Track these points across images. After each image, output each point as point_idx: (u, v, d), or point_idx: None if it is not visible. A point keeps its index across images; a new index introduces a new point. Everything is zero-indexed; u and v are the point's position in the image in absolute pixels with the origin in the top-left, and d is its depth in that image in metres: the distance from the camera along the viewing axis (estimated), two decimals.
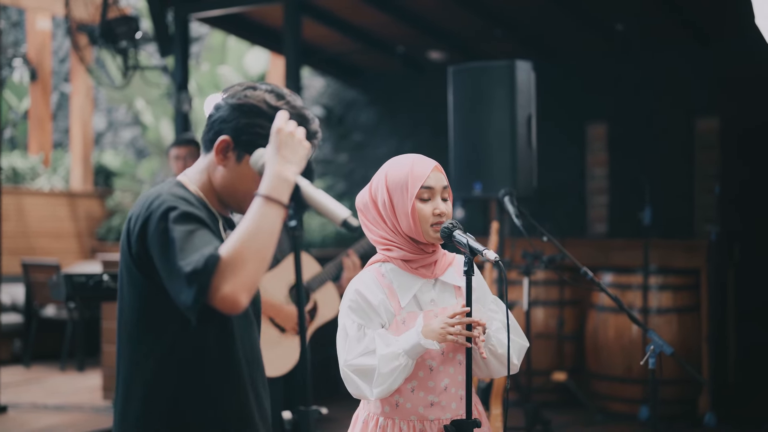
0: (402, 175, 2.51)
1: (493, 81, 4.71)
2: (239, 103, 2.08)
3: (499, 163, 4.64)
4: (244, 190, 2.09)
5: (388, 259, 2.54)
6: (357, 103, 10.39)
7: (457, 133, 4.81)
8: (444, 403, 2.49)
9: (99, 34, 6.35)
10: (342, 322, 2.52)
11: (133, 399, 2.04)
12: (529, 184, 4.71)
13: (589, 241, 7.57)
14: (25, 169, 10.46)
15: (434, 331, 2.39)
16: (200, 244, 1.89)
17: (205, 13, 7.36)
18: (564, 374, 6.52)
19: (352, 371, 2.46)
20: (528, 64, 4.80)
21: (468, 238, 2.41)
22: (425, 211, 2.48)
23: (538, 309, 6.91)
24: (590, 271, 3.40)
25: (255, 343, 2.16)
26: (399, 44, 8.85)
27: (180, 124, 7.20)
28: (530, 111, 4.74)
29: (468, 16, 7.85)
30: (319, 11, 7.82)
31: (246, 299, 1.86)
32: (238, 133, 2.06)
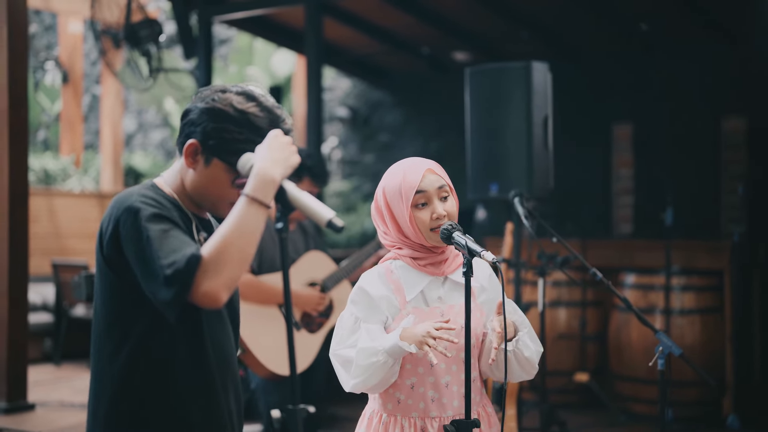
0: (396, 185, 2.53)
1: (509, 82, 4.70)
2: (207, 107, 2.11)
3: (516, 164, 4.63)
4: (214, 192, 2.12)
5: (398, 257, 2.57)
6: (383, 104, 10.42)
7: (473, 134, 4.82)
8: (445, 400, 2.50)
9: (123, 37, 6.44)
10: (342, 313, 2.57)
11: (103, 398, 2.08)
12: (545, 185, 4.70)
13: (612, 242, 7.53)
14: (56, 171, 10.61)
15: (415, 335, 2.38)
16: (178, 244, 1.93)
17: (228, 15, 7.43)
18: (586, 375, 6.49)
19: (337, 360, 2.50)
20: (544, 65, 4.79)
21: (467, 240, 2.41)
22: (423, 217, 2.50)
23: (560, 310, 6.89)
24: (599, 272, 3.39)
25: (227, 345, 2.18)
26: (424, 45, 8.87)
27: None
28: (546, 112, 4.73)
29: (492, 17, 7.85)
30: (342, 12, 7.86)
31: (226, 296, 1.91)
32: (205, 137, 2.09)
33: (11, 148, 6.51)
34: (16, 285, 6.56)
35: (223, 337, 2.17)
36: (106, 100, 10.93)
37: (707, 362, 6.33)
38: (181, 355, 2.07)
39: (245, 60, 10.76)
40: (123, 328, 2.07)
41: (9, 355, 6.53)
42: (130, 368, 2.06)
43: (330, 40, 8.82)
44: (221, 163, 2.10)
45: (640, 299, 6.50)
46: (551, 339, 6.84)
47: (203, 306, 1.91)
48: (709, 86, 8.22)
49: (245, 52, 10.75)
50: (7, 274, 6.51)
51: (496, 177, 4.65)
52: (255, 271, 4.17)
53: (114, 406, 2.06)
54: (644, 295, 6.50)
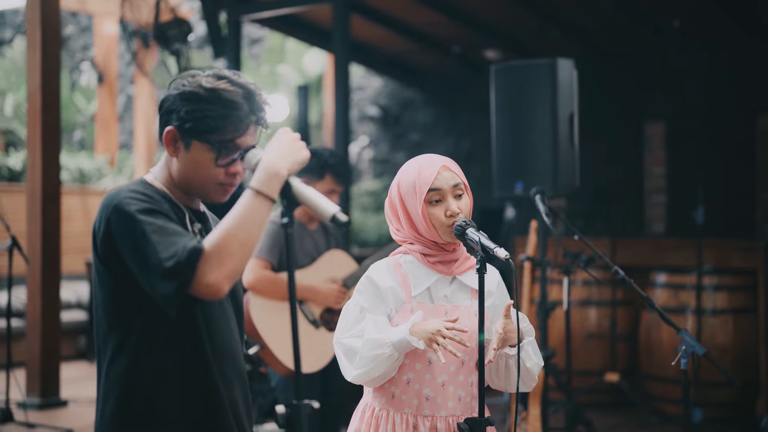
0: (410, 182, 2.52)
1: (534, 79, 4.67)
2: (179, 93, 2.11)
3: (541, 162, 4.60)
4: (200, 176, 2.11)
5: (409, 251, 2.56)
6: (414, 102, 10.40)
7: (499, 131, 4.79)
8: (440, 399, 2.48)
9: (152, 37, 6.50)
10: (347, 302, 2.56)
11: (110, 397, 2.09)
12: (570, 182, 4.66)
13: (643, 240, 7.45)
14: (91, 170, 10.72)
15: (426, 331, 2.36)
16: (175, 237, 1.94)
17: (257, 14, 7.46)
18: (616, 375, 6.43)
19: (341, 349, 2.49)
20: (570, 62, 4.75)
21: (480, 236, 2.40)
22: (437, 214, 2.48)
23: (590, 309, 6.84)
24: (621, 270, 3.35)
25: (230, 338, 2.17)
26: (455, 44, 8.85)
27: None
28: (572, 109, 4.69)
29: (522, 14, 7.81)
30: (371, 10, 7.86)
31: (228, 287, 1.91)
32: (181, 122, 2.09)
33: (44, 147, 6.60)
34: (48, 283, 6.64)
35: (226, 331, 2.17)
36: (139, 100, 11.03)
37: (740, 363, 6.24)
38: (181, 352, 2.07)
39: (277, 59, 10.81)
40: (124, 327, 2.07)
41: (42, 353, 6.62)
42: (133, 367, 2.06)
43: (361, 38, 8.83)
44: (201, 144, 2.09)
45: (671, 299, 6.43)
46: (581, 338, 6.79)
47: (204, 298, 1.92)
48: (744, 83, 8.10)
49: (277, 51, 10.80)
50: (39, 273, 6.60)
51: (522, 175, 4.62)
52: (275, 267, 4.19)
53: (120, 405, 2.06)
54: (675, 294, 6.42)
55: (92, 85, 11.42)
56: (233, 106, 2.08)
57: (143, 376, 2.06)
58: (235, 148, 2.10)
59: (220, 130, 2.07)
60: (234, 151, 2.10)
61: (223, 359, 2.13)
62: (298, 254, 4.25)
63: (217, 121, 2.07)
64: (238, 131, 2.09)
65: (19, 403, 6.46)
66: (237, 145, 2.10)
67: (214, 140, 2.08)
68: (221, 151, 2.08)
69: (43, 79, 6.56)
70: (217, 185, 2.12)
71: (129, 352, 2.06)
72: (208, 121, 2.06)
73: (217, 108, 2.07)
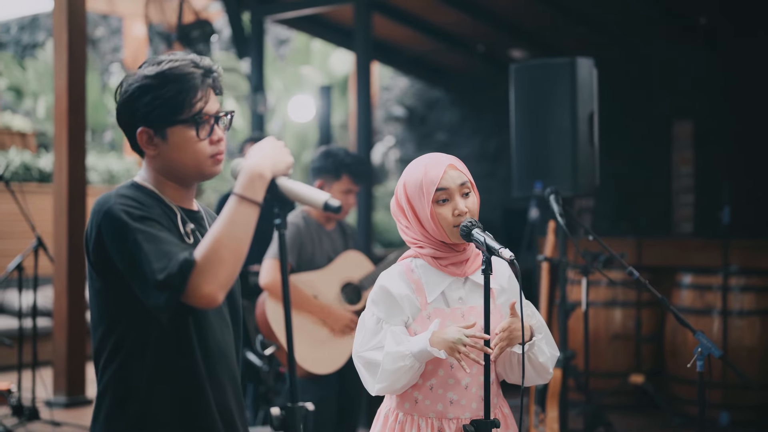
0: (417, 181, 2.50)
1: (554, 78, 4.62)
2: (128, 96, 2.10)
3: (560, 162, 4.55)
4: (189, 157, 2.11)
5: (419, 255, 2.54)
6: (440, 102, 10.38)
7: (518, 131, 4.75)
8: (464, 402, 2.47)
9: (175, 38, 6.53)
10: (363, 314, 2.54)
11: (104, 401, 2.09)
12: (590, 182, 4.61)
13: (669, 241, 7.37)
14: (120, 171, 10.81)
15: (446, 340, 2.35)
16: (167, 247, 1.93)
17: (280, 15, 7.47)
18: (641, 377, 6.36)
19: (361, 362, 2.48)
20: (590, 60, 4.70)
21: (486, 237, 2.38)
22: (445, 213, 2.46)
23: (615, 310, 6.78)
24: (636, 271, 3.31)
25: (225, 342, 2.16)
26: (479, 43, 8.81)
27: (256, 124, 7.32)
28: (592, 108, 4.64)
29: (547, 12, 7.76)
30: (393, 10, 7.85)
31: (223, 296, 1.91)
32: (146, 117, 2.08)
33: (70, 148, 6.66)
34: (74, 282, 6.71)
35: (220, 332, 2.16)
36: None
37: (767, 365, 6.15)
38: (170, 356, 2.06)
39: (303, 60, 10.83)
40: (117, 332, 2.07)
41: (68, 352, 6.69)
42: (126, 371, 2.06)
43: (386, 38, 8.82)
44: (175, 127, 2.08)
45: (696, 300, 6.35)
46: (606, 339, 6.73)
47: (200, 307, 1.91)
48: None
49: (303, 52, 10.82)
50: (65, 272, 6.66)
51: (541, 175, 4.57)
52: (293, 268, 4.19)
53: (113, 409, 2.07)
54: (701, 295, 6.34)
55: None
56: (185, 78, 2.07)
57: (135, 380, 2.05)
58: (208, 117, 2.09)
59: (185, 104, 2.06)
60: (209, 121, 2.10)
61: (215, 361, 2.12)
62: (315, 255, 4.25)
63: (178, 98, 2.06)
64: (202, 98, 2.08)
65: (46, 401, 6.53)
66: (207, 113, 2.09)
67: (186, 117, 2.07)
68: (198, 124, 2.08)
69: (69, 81, 6.62)
70: (208, 158, 2.11)
71: (122, 357, 2.06)
72: (171, 102, 2.05)
73: (171, 86, 2.06)
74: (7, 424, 5.79)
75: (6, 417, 6.09)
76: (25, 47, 15.48)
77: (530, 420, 4.46)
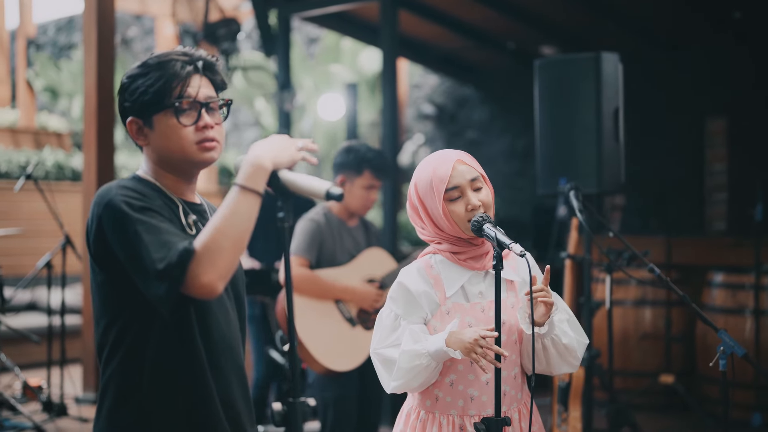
0: (427, 180, 2.48)
1: (578, 74, 4.57)
2: (120, 87, 2.14)
3: (585, 158, 4.49)
4: (175, 145, 2.11)
5: (438, 251, 2.53)
6: (470, 100, 10.33)
7: (542, 127, 4.70)
8: (485, 398, 2.44)
9: (202, 37, 6.56)
10: (381, 310, 2.53)
11: (107, 395, 2.08)
12: (616, 179, 4.54)
13: (700, 239, 7.27)
14: None
15: (462, 341, 2.33)
16: (167, 237, 1.93)
17: (306, 12, 7.47)
18: (672, 377, 6.28)
19: (378, 360, 2.47)
20: (615, 55, 4.64)
21: (496, 231, 2.35)
22: (458, 209, 2.44)
23: (645, 309, 6.69)
24: (657, 268, 3.26)
25: (227, 331, 2.15)
26: (509, 40, 8.75)
27: (283, 122, 7.33)
28: (617, 104, 4.57)
29: (576, 8, 7.68)
30: (419, 6, 7.81)
31: (222, 286, 1.90)
32: (133, 106, 2.10)
33: (99, 147, 6.71)
34: None
35: (225, 325, 2.15)
36: None
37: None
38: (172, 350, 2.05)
39: (333, 58, 10.84)
40: (118, 326, 2.06)
41: None
42: (128, 365, 2.05)
43: (415, 36, 8.79)
44: (159, 114, 2.09)
45: (728, 299, 6.25)
46: (635, 339, 6.65)
47: (200, 297, 1.91)
48: None
49: (333, 50, 10.83)
50: None
51: (565, 171, 4.52)
52: (313, 265, 4.18)
53: (116, 404, 2.06)
54: (733, 294, 6.24)
55: None
56: (166, 65, 2.09)
57: (137, 375, 2.05)
58: (192, 103, 2.10)
59: (166, 91, 2.07)
60: (194, 107, 2.10)
61: (219, 354, 2.11)
62: (337, 252, 4.24)
63: (158, 84, 2.07)
64: (182, 82, 2.08)
65: (75, 398, 6.59)
66: (190, 97, 2.09)
67: (168, 103, 2.08)
68: (180, 110, 2.08)
69: (98, 80, 6.68)
70: (194, 145, 2.11)
71: (123, 351, 2.06)
72: (152, 89, 2.07)
73: (153, 73, 2.08)
74: (36, 419, 5.84)
75: (36, 413, 6.16)
76: (62, 48, 15.67)
77: (553, 419, 4.41)
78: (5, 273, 6.47)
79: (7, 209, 8.94)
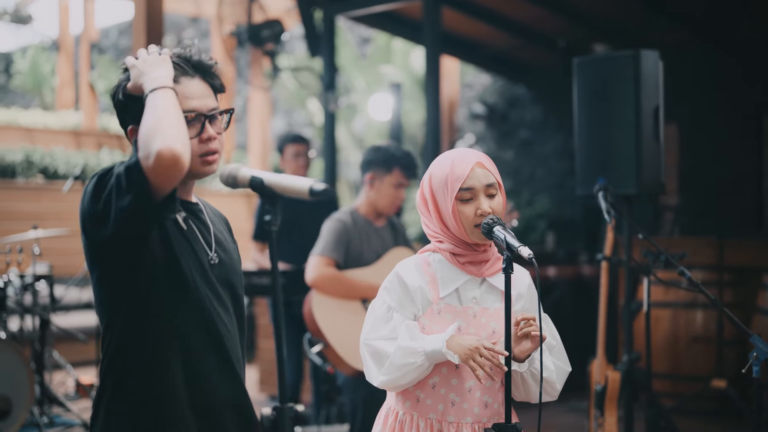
0: (443, 176, 2.43)
1: (617, 72, 4.47)
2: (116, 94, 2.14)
3: (624, 158, 4.40)
4: None
5: (438, 250, 2.49)
6: (522, 99, 10.22)
7: (581, 126, 4.62)
8: (466, 405, 2.40)
9: (246, 38, 6.61)
10: (373, 301, 2.50)
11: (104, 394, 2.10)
12: (655, 179, 4.43)
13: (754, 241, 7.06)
14: None
15: (463, 347, 2.29)
16: None
17: (351, 12, 7.47)
18: (724, 381, 6.11)
19: (368, 351, 2.42)
20: (655, 53, 4.53)
21: (506, 234, 2.29)
22: (467, 212, 2.39)
23: (696, 312, 6.54)
24: (687, 271, 3.16)
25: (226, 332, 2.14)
26: (560, 38, 8.64)
27: (328, 123, 7.34)
28: (657, 102, 4.46)
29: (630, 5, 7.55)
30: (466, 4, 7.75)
31: (181, 148, 1.87)
32: (135, 117, 2.05)
33: None
34: None
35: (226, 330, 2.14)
36: (254, 101, 11.28)
37: None
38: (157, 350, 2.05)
39: (384, 58, 10.84)
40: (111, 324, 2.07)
41: None
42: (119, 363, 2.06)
43: (464, 34, 8.74)
44: None
45: None
46: (686, 342, 6.51)
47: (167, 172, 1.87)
48: None
49: (384, 50, 10.83)
50: None
51: (604, 171, 4.43)
52: (341, 265, 4.16)
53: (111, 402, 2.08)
54: None
55: None
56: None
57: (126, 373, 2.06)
58: (196, 116, 2.09)
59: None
60: (198, 119, 2.09)
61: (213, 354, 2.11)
62: (363, 252, 4.22)
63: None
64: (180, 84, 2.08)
65: None
66: (194, 110, 2.09)
67: None
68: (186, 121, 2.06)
69: None
70: (197, 158, 2.10)
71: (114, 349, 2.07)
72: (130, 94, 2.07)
73: None
74: (85, 417, 5.94)
75: (86, 410, 6.25)
76: (123, 51, 15.96)
77: (590, 424, 4.32)
78: (57, 273, 6.58)
79: (60, 210, 9.14)
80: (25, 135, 11.10)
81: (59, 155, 10.22)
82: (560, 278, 7.77)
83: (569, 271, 7.88)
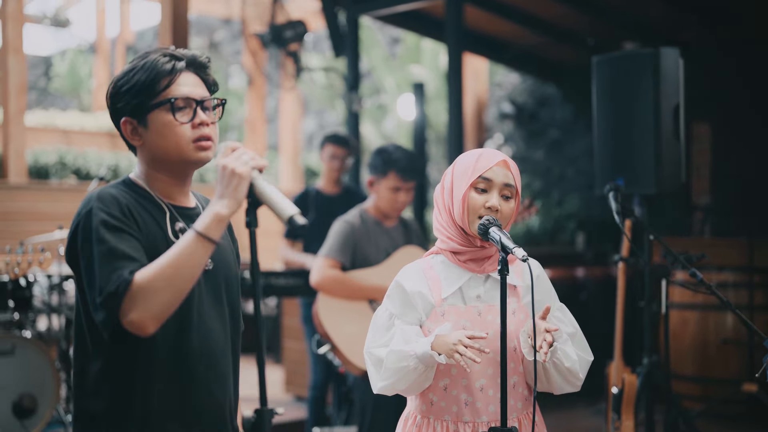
0: (467, 164, 2.45)
1: (636, 70, 4.40)
2: (108, 92, 2.16)
3: (643, 157, 4.32)
4: (170, 143, 2.11)
5: (440, 251, 2.50)
6: (551, 98, 10.13)
7: (600, 125, 4.55)
8: (479, 404, 2.39)
9: (269, 39, 6.62)
10: (377, 310, 2.51)
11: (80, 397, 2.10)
12: (675, 179, 4.35)
13: None
14: None
15: (447, 344, 2.28)
16: (121, 263, 1.93)
17: (375, 12, 7.45)
18: (755, 385, 6.00)
19: (370, 359, 2.44)
20: (675, 50, 4.45)
21: (501, 236, 2.30)
22: (477, 201, 2.40)
23: (726, 314, 6.43)
24: (699, 272, 3.10)
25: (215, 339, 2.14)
26: (589, 36, 8.54)
27: (352, 124, 7.33)
28: (678, 100, 4.38)
29: (659, 2, 7.45)
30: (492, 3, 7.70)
31: (153, 327, 1.90)
32: (125, 107, 2.12)
33: None
34: None
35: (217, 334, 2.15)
36: (285, 102, 11.31)
37: None
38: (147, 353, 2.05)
39: (414, 58, 10.81)
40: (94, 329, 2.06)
41: None
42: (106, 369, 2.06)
43: (490, 33, 8.68)
44: (153, 112, 2.11)
45: None
46: (716, 344, 6.40)
47: (131, 332, 1.92)
48: None
49: (414, 50, 10.80)
50: None
51: (623, 170, 4.36)
52: (347, 267, 4.16)
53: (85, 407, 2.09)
54: None
55: (242, 89, 11.79)
56: (152, 64, 2.11)
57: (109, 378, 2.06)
58: (187, 101, 2.12)
59: (155, 88, 2.09)
60: (189, 105, 2.11)
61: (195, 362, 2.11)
62: (372, 251, 4.22)
63: (146, 83, 2.10)
64: (171, 81, 2.10)
65: None
66: (184, 96, 2.11)
67: (161, 101, 2.09)
68: (175, 108, 2.10)
69: None
70: (190, 142, 2.11)
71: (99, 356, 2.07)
72: (141, 88, 2.10)
73: (140, 73, 2.11)
74: None
75: None
76: None
77: (608, 427, 4.26)
78: None
79: None
80: (62, 136, 11.23)
81: (92, 156, 10.32)
82: (589, 279, 7.70)
83: (598, 272, 7.80)
